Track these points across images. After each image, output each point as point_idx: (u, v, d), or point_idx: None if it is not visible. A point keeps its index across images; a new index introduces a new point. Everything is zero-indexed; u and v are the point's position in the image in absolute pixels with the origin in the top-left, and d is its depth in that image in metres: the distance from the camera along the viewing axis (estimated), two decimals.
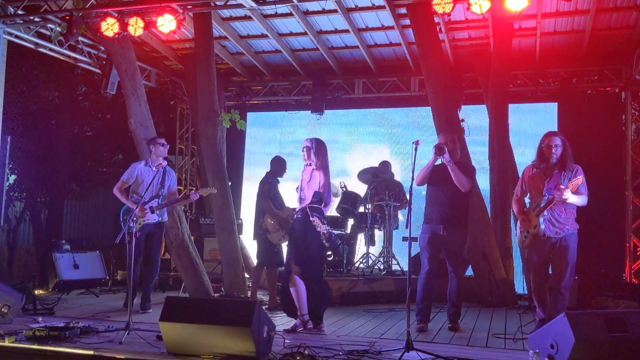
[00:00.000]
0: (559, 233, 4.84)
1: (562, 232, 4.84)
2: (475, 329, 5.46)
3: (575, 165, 4.88)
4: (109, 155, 13.01)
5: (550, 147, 4.85)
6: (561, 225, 4.83)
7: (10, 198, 11.14)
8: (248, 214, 9.50)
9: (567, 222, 4.85)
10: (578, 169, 4.85)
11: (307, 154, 5.25)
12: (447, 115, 7.16)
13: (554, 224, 4.83)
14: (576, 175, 4.75)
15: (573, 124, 8.85)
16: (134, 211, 5.10)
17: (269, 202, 6.48)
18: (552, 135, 4.93)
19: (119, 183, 6.18)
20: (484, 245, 7.14)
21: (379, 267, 7.89)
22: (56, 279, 7.58)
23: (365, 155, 9.79)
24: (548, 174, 4.90)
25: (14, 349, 4.17)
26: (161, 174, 6.20)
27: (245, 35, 8.83)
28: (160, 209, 6.13)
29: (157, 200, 6.13)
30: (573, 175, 4.79)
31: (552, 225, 4.83)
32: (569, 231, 4.85)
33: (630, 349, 3.70)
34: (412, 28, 7.29)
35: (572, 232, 4.87)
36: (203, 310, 4.01)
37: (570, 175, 4.80)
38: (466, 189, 5.27)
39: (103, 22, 6.25)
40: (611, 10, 7.38)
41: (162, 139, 6.36)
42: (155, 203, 6.10)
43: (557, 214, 4.83)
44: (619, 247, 8.36)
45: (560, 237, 4.85)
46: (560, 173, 4.84)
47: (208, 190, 6.36)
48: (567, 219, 4.85)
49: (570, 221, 4.87)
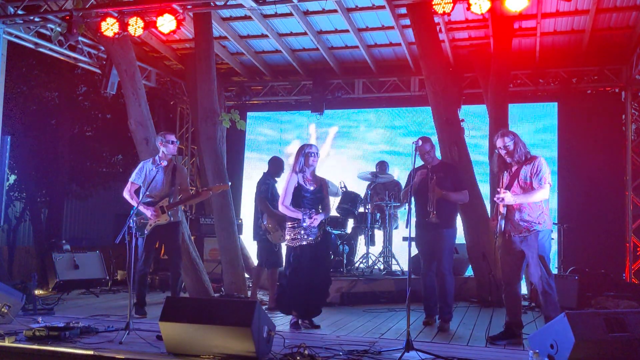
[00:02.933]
0: (522, 232, 4.65)
1: (525, 232, 4.64)
2: (475, 329, 5.46)
3: (534, 156, 4.71)
4: (109, 155, 13.01)
5: (499, 149, 4.76)
6: (525, 222, 4.63)
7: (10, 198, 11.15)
8: (248, 214, 9.51)
9: (531, 219, 4.62)
10: (537, 161, 4.66)
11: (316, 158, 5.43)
12: (447, 115, 7.16)
13: (518, 222, 4.65)
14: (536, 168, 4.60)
15: (573, 124, 8.85)
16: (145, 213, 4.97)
17: (266, 203, 6.48)
18: (497, 138, 4.79)
19: (129, 185, 5.95)
20: (484, 245, 7.13)
21: (379, 267, 7.89)
22: (56, 279, 7.58)
23: (365, 155, 9.79)
24: (507, 170, 4.80)
25: (14, 349, 4.17)
26: (171, 172, 6.04)
27: (245, 35, 8.83)
28: (171, 208, 5.95)
29: (168, 199, 5.96)
30: (533, 167, 4.63)
31: (516, 224, 4.66)
32: (534, 227, 4.62)
33: (630, 349, 3.70)
34: (412, 28, 7.29)
35: (540, 230, 4.61)
36: (203, 310, 4.01)
37: (531, 168, 4.64)
38: (467, 201, 5.62)
39: (103, 22, 6.25)
40: (611, 10, 7.38)
41: (172, 136, 6.09)
42: (166, 202, 5.94)
43: (518, 212, 4.65)
44: (619, 247, 8.36)
45: (524, 235, 4.65)
46: (520, 169, 4.69)
47: (221, 187, 6.18)
48: (532, 215, 4.63)
49: (535, 217, 4.63)
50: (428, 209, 5.34)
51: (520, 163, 4.72)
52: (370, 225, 7.78)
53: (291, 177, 5.34)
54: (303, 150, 5.38)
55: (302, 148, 5.40)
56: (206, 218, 9.00)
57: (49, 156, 11.23)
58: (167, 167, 6.04)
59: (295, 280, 5.24)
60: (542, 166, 4.66)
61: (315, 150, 5.40)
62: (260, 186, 6.60)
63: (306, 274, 5.25)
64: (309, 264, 5.24)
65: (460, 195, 5.50)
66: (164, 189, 5.98)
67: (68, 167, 11.50)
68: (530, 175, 4.65)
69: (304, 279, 5.25)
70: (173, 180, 6.03)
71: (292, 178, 5.33)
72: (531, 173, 4.65)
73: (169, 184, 6.01)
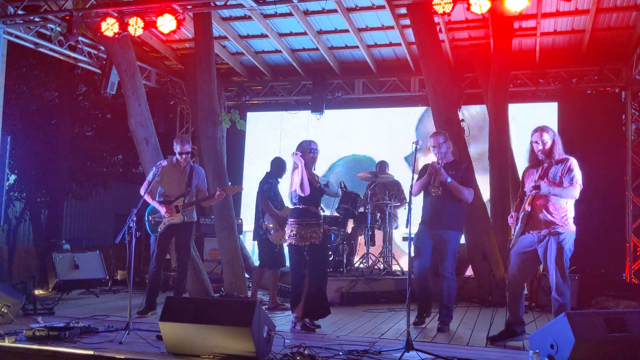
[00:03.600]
0: (543, 231, 4.51)
1: (545, 231, 4.50)
2: (475, 329, 5.46)
3: (567, 157, 4.63)
4: (109, 155, 13.01)
5: (534, 144, 4.70)
6: (547, 223, 4.49)
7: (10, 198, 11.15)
8: (248, 214, 9.51)
9: (555, 219, 4.48)
10: (570, 162, 4.58)
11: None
12: (447, 115, 7.16)
13: (538, 222, 4.52)
14: (567, 169, 4.54)
15: (573, 124, 8.84)
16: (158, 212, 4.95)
17: (268, 203, 6.48)
18: (536, 132, 4.73)
19: (145, 184, 5.89)
20: (484, 246, 7.13)
21: (379, 267, 7.89)
22: (56, 279, 7.57)
23: (365, 155, 9.79)
24: (538, 168, 4.72)
25: (14, 349, 4.17)
26: (187, 172, 6.05)
27: (245, 35, 8.83)
28: (185, 207, 5.94)
29: (183, 199, 5.96)
30: (565, 167, 4.56)
31: (536, 223, 4.53)
32: (555, 229, 4.48)
33: (630, 349, 3.70)
34: (412, 28, 7.28)
35: (562, 232, 4.47)
36: (203, 310, 4.00)
37: (563, 168, 4.56)
38: (470, 201, 5.35)
39: (103, 22, 6.25)
40: (611, 10, 7.38)
41: (188, 146, 6.04)
42: (181, 202, 5.94)
43: (542, 212, 4.51)
44: (619, 247, 8.36)
45: (544, 235, 4.52)
46: (550, 167, 4.62)
47: (235, 189, 6.19)
48: (555, 215, 4.49)
49: (558, 218, 4.49)
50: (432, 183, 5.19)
51: (552, 163, 4.62)
52: (370, 225, 7.78)
53: (301, 169, 5.18)
54: (308, 146, 5.34)
55: (307, 144, 5.36)
56: (206, 218, 9.00)
57: (49, 156, 11.23)
58: (184, 167, 6.05)
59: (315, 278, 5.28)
60: (575, 167, 4.56)
61: (316, 147, 5.39)
62: (262, 185, 6.60)
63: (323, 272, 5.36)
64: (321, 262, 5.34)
65: (464, 189, 5.26)
66: (180, 189, 5.99)
67: (68, 167, 11.49)
68: (561, 174, 4.54)
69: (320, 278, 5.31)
70: (190, 180, 6.04)
71: (302, 170, 5.18)
72: (562, 173, 4.55)
73: (186, 184, 6.02)
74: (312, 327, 5.24)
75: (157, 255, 6.03)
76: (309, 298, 5.22)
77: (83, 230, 14.34)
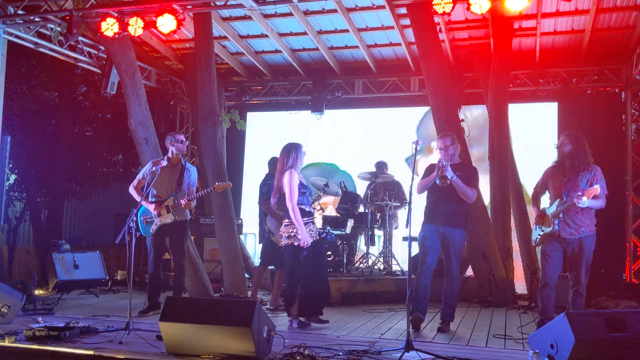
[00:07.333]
0: (574, 234, 4.84)
1: (578, 234, 4.83)
2: (475, 329, 5.46)
3: (593, 166, 4.87)
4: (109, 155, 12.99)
5: (560, 146, 4.95)
6: (577, 226, 4.82)
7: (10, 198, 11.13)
8: (248, 213, 9.51)
9: (582, 224, 4.83)
10: (596, 171, 4.84)
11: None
12: (447, 115, 7.16)
13: (570, 224, 4.83)
14: (595, 178, 4.77)
15: (573, 124, 8.80)
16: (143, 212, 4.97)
17: (269, 204, 6.47)
18: (563, 135, 5.03)
19: (135, 181, 6.02)
20: (484, 246, 7.14)
21: (379, 267, 7.89)
22: (56, 279, 7.57)
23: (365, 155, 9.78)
24: (566, 174, 4.92)
25: (14, 349, 4.17)
26: (179, 171, 6.05)
27: (245, 35, 8.83)
28: (176, 207, 5.94)
29: (173, 198, 5.95)
30: (592, 176, 4.79)
31: (568, 226, 4.84)
32: (584, 233, 4.83)
33: (630, 349, 3.70)
34: (412, 28, 7.29)
35: (589, 234, 4.85)
36: (203, 310, 4.01)
37: (589, 176, 4.80)
38: (472, 201, 5.31)
39: (103, 22, 6.25)
40: (611, 10, 7.39)
41: (182, 136, 6.19)
42: (171, 202, 5.94)
43: (573, 215, 4.82)
44: (619, 247, 8.35)
45: (575, 238, 4.84)
46: (578, 174, 4.84)
47: (224, 185, 6.18)
48: (583, 220, 4.83)
49: (586, 222, 4.84)
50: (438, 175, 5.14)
51: (578, 170, 4.84)
52: (370, 225, 7.78)
53: (292, 174, 5.26)
54: (298, 149, 5.39)
55: (296, 147, 5.40)
56: (206, 218, 9.00)
57: (49, 156, 11.21)
58: (175, 167, 6.05)
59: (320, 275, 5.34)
60: (601, 175, 4.83)
61: (304, 150, 5.47)
62: (261, 188, 6.60)
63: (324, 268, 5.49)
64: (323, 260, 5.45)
65: (467, 188, 5.20)
66: (170, 188, 5.99)
67: (68, 167, 11.49)
68: (592, 183, 4.75)
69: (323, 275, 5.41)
70: (180, 179, 6.03)
71: (293, 175, 5.26)
72: (592, 181, 4.77)
73: (176, 183, 6.02)
74: (308, 323, 5.29)
75: (153, 256, 6.04)
76: (303, 297, 5.24)
77: (83, 230, 14.34)
